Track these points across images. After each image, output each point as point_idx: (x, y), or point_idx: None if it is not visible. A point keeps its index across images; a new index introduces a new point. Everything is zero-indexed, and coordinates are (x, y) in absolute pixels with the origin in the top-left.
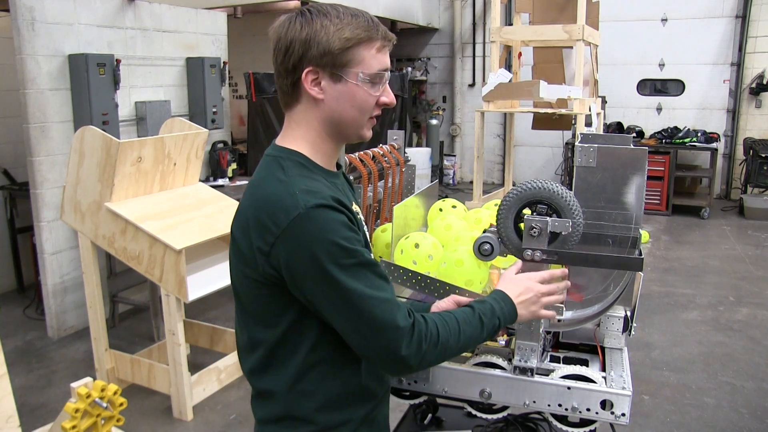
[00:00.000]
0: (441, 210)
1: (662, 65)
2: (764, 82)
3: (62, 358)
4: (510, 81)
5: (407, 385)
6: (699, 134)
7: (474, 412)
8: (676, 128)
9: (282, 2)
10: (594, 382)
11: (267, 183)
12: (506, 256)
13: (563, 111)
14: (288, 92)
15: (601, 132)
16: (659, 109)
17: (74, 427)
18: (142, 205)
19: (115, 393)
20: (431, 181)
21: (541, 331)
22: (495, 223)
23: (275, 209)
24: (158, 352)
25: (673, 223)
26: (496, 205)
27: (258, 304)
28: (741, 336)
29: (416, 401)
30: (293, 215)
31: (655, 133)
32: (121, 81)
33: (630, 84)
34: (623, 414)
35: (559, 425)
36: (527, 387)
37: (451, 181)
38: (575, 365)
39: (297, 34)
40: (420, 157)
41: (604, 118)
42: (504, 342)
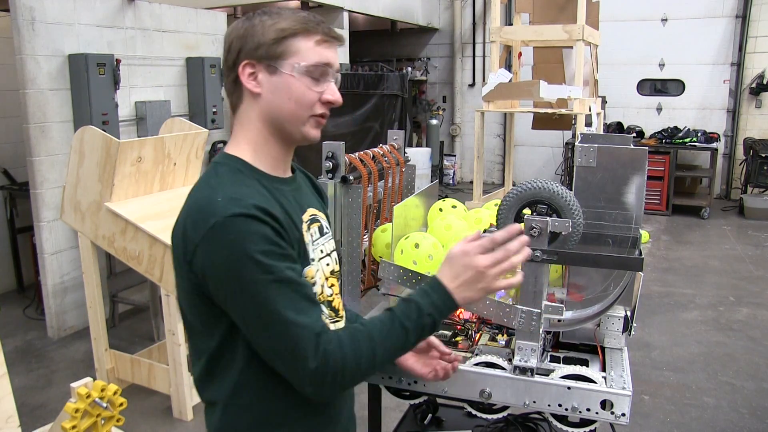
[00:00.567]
0: (441, 210)
1: (662, 65)
2: (764, 82)
3: (62, 358)
4: (510, 81)
5: (407, 385)
6: (699, 134)
7: (474, 412)
8: (676, 128)
9: (282, 2)
10: (594, 382)
11: (198, 189)
12: None
13: (563, 111)
14: (231, 91)
15: (601, 132)
16: (659, 109)
17: (74, 427)
18: (142, 205)
19: (115, 393)
20: (431, 181)
21: (541, 331)
22: (495, 223)
23: (197, 216)
24: (158, 352)
25: (673, 223)
26: (496, 205)
27: (194, 314)
28: (741, 336)
29: (416, 401)
30: (211, 223)
31: (655, 133)
32: (121, 81)
33: (630, 84)
34: (623, 414)
35: (559, 425)
36: (527, 387)
37: (451, 181)
38: (575, 365)
39: (236, 33)
40: (420, 157)
41: (604, 118)
42: (504, 342)
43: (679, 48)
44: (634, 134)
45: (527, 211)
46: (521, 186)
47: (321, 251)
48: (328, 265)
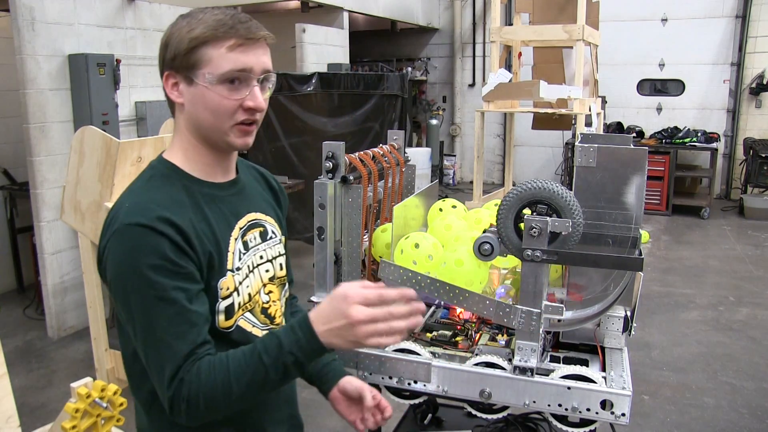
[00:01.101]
0: (441, 210)
1: (662, 65)
2: (764, 82)
3: (62, 358)
4: (510, 81)
5: (407, 385)
6: (699, 134)
7: (474, 412)
8: (676, 128)
9: (282, 2)
10: (594, 382)
11: (125, 190)
12: (506, 256)
13: (563, 111)
14: (166, 98)
15: (601, 132)
16: (659, 109)
17: (74, 427)
18: None
19: (115, 393)
20: (431, 181)
21: (541, 331)
22: (495, 223)
23: (108, 220)
24: None
25: (673, 223)
26: (496, 205)
27: (117, 312)
28: (741, 336)
29: (416, 401)
30: (113, 229)
31: (655, 133)
32: (121, 81)
33: (630, 84)
34: (623, 414)
35: (559, 425)
36: (527, 387)
37: (451, 181)
38: (575, 365)
39: (162, 39)
40: (420, 157)
41: (604, 118)
42: (504, 342)
43: (679, 48)
44: (634, 134)
45: (527, 211)
46: (521, 186)
47: (260, 257)
48: (268, 272)
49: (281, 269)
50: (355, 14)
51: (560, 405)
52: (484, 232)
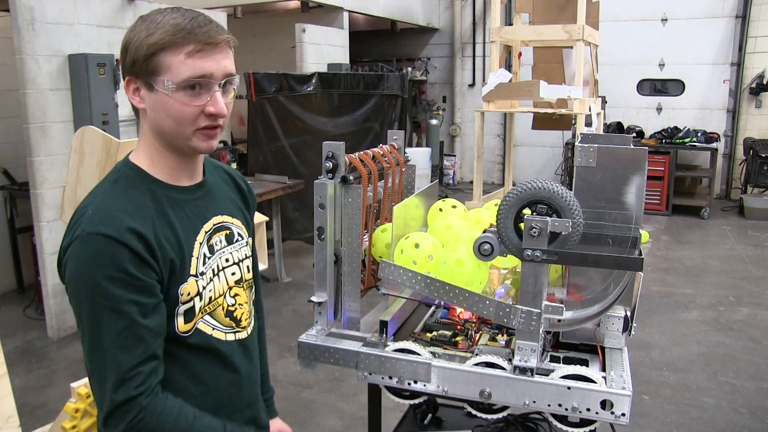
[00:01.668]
0: (441, 210)
1: (662, 65)
2: (764, 82)
3: (62, 358)
4: (510, 81)
5: (407, 385)
6: (699, 134)
7: (474, 412)
8: (676, 128)
9: (282, 2)
10: (594, 382)
11: (90, 192)
12: (506, 256)
13: (563, 111)
14: (130, 102)
15: (601, 132)
16: (659, 109)
17: (74, 427)
18: None
19: None
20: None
21: (541, 331)
22: (495, 223)
23: (71, 223)
24: None
25: (673, 223)
26: (496, 205)
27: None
28: (741, 336)
29: (416, 401)
30: (77, 234)
31: (655, 133)
32: (121, 81)
33: (630, 84)
34: (623, 414)
35: (559, 425)
36: (527, 387)
37: (451, 181)
38: (575, 365)
39: (122, 42)
40: (420, 157)
41: (604, 118)
42: (504, 342)
43: (679, 48)
44: (634, 134)
45: (527, 211)
46: (521, 186)
47: (226, 260)
48: (234, 275)
49: (248, 272)
50: (355, 14)
51: (560, 405)
52: (484, 232)
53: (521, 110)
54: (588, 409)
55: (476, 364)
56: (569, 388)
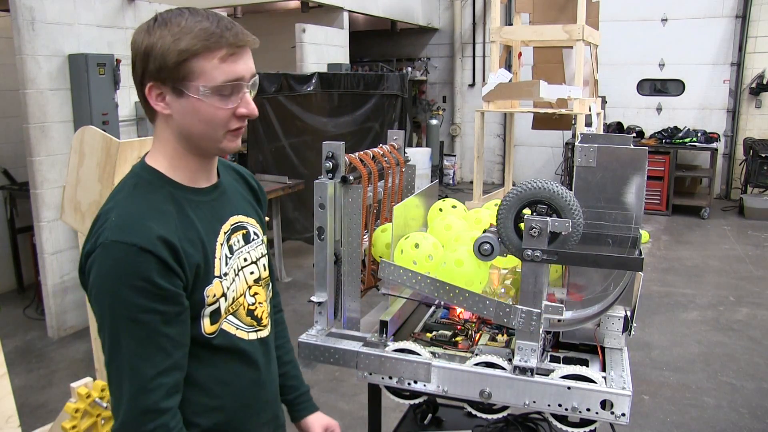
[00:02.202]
0: (441, 210)
1: (662, 65)
2: (764, 82)
3: (62, 358)
4: (510, 81)
5: (407, 386)
6: (699, 134)
7: (474, 412)
8: (676, 128)
9: (282, 2)
10: (594, 382)
11: (107, 199)
12: (506, 256)
13: (563, 111)
14: (144, 106)
15: (601, 132)
16: (659, 109)
17: (74, 427)
18: None
19: None
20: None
21: (541, 331)
22: (495, 223)
23: (93, 229)
24: None
25: (673, 223)
26: (496, 205)
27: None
28: (741, 336)
29: (416, 401)
30: (100, 241)
31: (655, 133)
32: (121, 81)
33: (630, 84)
34: (623, 414)
35: (559, 425)
36: (527, 387)
37: (451, 181)
38: (575, 365)
39: (139, 47)
40: (420, 157)
41: (604, 118)
42: (504, 342)
43: (679, 48)
44: (634, 134)
45: (527, 211)
46: (521, 186)
47: (245, 260)
48: (252, 273)
49: (265, 270)
50: (355, 14)
51: (560, 405)
52: (484, 232)
53: (521, 110)
54: (588, 409)
55: (476, 364)
56: (569, 388)
